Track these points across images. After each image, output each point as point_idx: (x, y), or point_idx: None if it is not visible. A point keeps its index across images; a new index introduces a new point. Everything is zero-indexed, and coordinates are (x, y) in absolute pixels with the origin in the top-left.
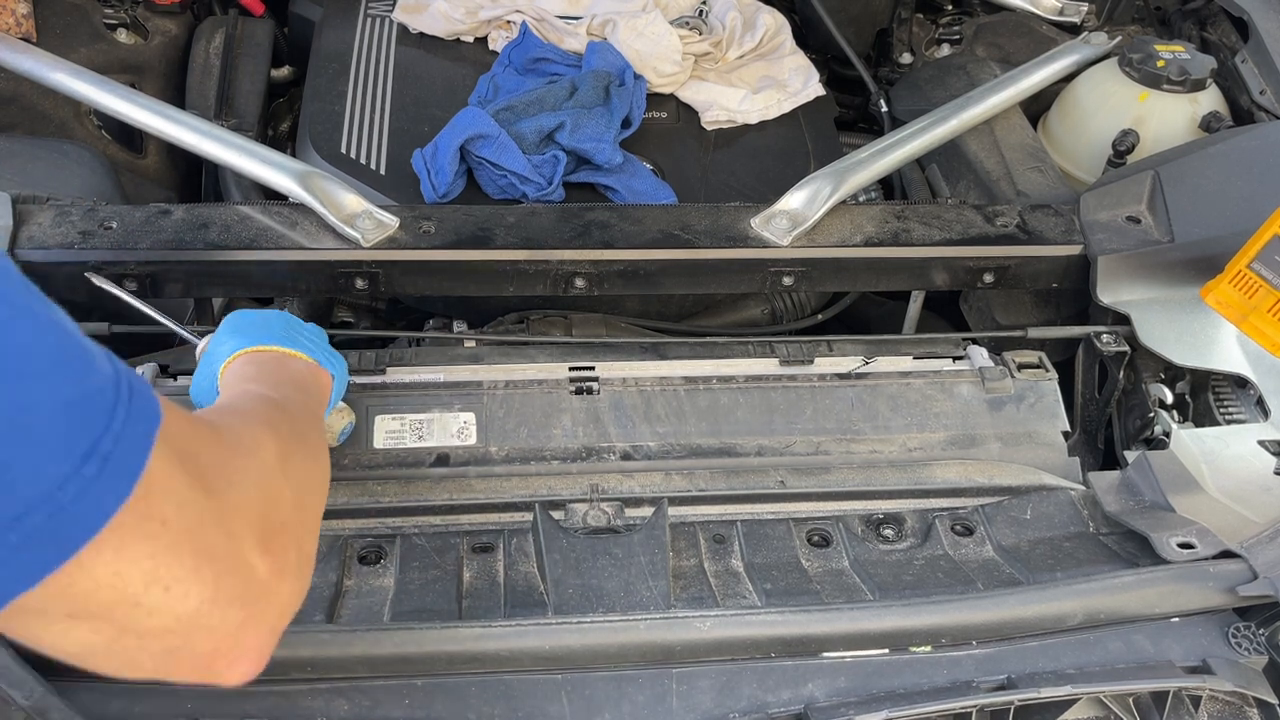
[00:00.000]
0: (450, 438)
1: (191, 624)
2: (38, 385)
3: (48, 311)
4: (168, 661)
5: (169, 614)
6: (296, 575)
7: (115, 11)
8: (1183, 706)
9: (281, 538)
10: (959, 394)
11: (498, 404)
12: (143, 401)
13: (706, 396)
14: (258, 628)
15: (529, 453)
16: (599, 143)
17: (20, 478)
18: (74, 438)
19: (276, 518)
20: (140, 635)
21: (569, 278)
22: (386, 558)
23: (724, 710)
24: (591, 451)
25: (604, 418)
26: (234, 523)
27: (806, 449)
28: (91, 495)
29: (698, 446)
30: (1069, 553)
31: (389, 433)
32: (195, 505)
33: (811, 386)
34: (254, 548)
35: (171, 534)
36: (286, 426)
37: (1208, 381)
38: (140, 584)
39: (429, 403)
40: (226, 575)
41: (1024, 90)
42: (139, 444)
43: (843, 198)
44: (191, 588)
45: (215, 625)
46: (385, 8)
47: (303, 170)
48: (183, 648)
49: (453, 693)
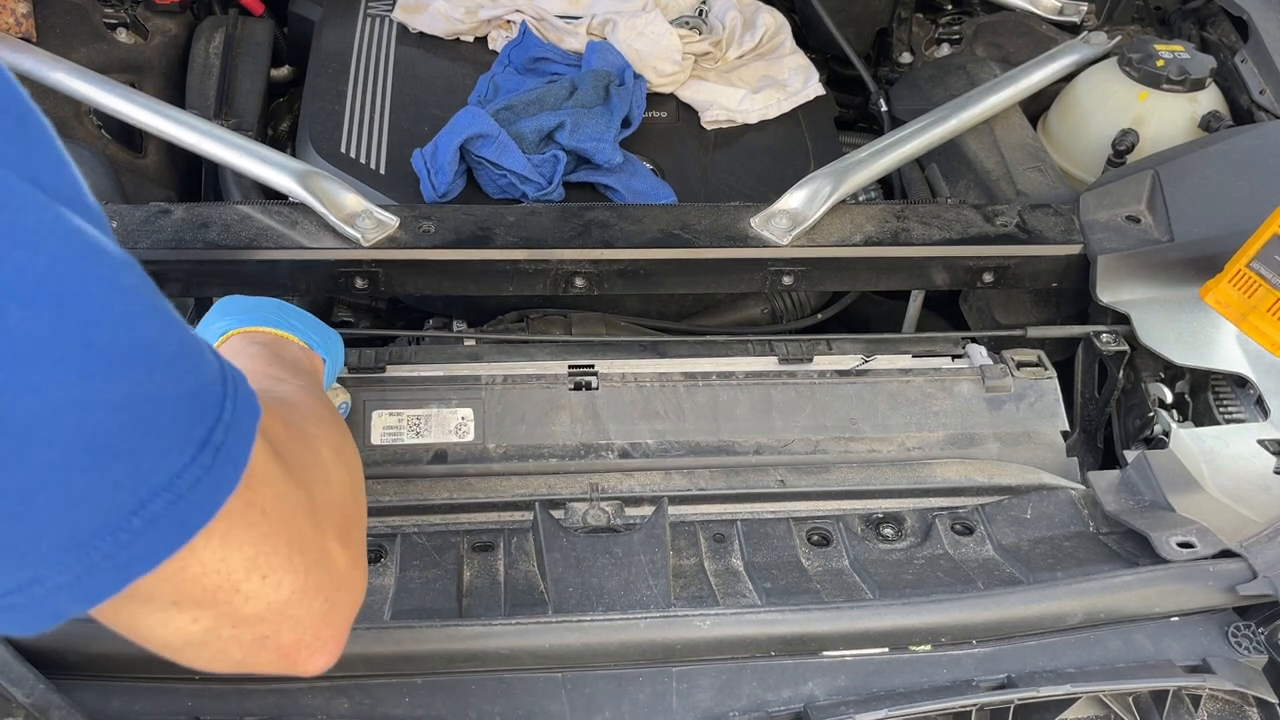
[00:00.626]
0: (448, 434)
1: (282, 613)
2: (165, 377)
3: (168, 306)
4: (256, 651)
5: (263, 601)
6: (363, 569)
7: (115, 11)
8: (1182, 706)
9: (352, 528)
10: (958, 392)
11: (496, 399)
12: (246, 394)
13: (706, 393)
14: (337, 618)
15: (527, 450)
16: (599, 142)
17: (147, 465)
18: (193, 428)
19: (344, 509)
20: (235, 624)
21: (569, 277)
22: (387, 557)
23: (724, 709)
24: (590, 449)
25: (603, 414)
26: (319, 515)
27: (805, 447)
28: (206, 484)
29: (696, 444)
30: (1069, 552)
31: (386, 429)
32: (290, 497)
33: (811, 383)
34: (335, 540)
35: (270, 523)
36: (330, 417)
37: (1207, 381)
38: (242, 571)
39: (427, 398)
40: (315, 566)
41: (1024, 90)
42: (246, 435)
43: (842, 197)
44: (285, 576)
45: (302, 615)
46: (385, 7)
47: (303, 170)
48: (271, 638)
49: (453, 691)
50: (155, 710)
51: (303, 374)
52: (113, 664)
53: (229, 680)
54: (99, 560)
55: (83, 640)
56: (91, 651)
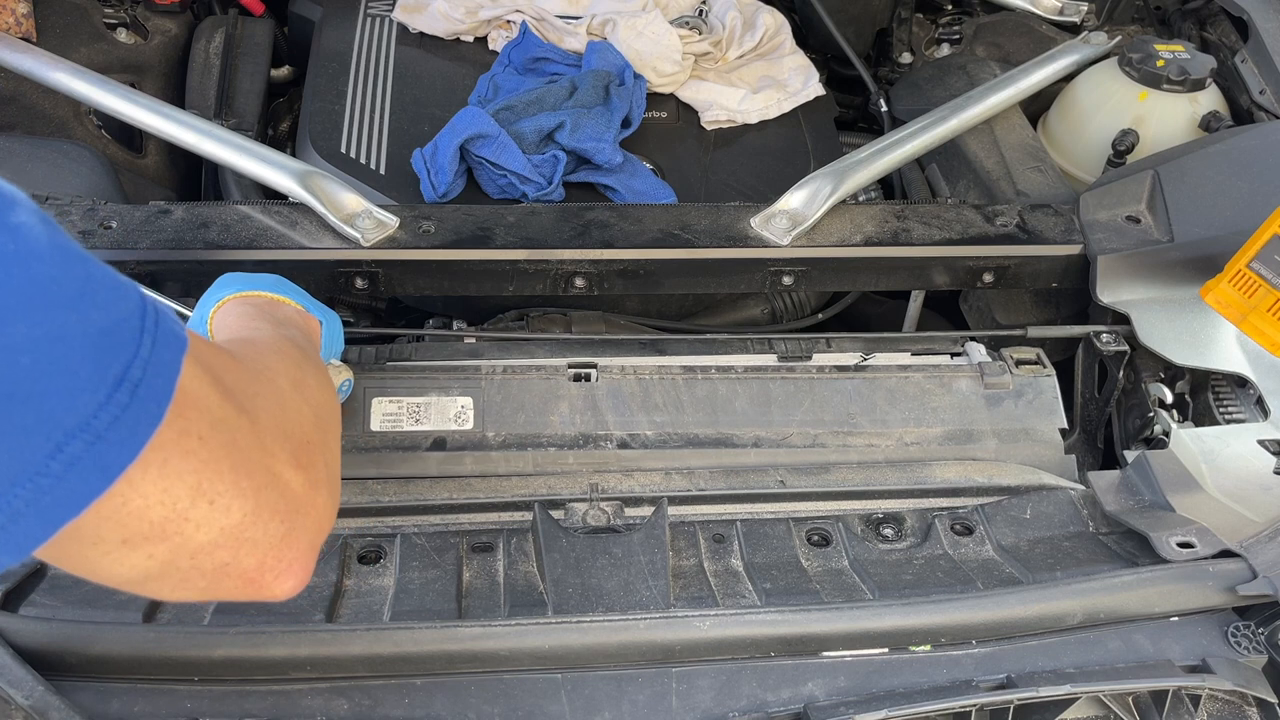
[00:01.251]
0: (447, 421)
1: (237, 537)
2: (68, 316)
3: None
4: (219, 579)
5: (215, 527)
6: (329, 489)
7: (115, 11)
8: (1182, 706)
9: (310, 453)
10: (957, 389)
11: (495, 389)
12: (169, 326)
13: (705, 386)
14: (298, 540)
15: (526, 438)
16: (599, 142)
17: (57, 407)
18: (105, 366)
19: (301, 434)
20: (192, 554)
21: (569, 277)
22: (386, 557)
23: (724, 709)
24: (589, 439)
25: (602, 405)
26: (266, 438)
27: (803, 440)
28: (126, 421)
29: (695, 436)
30: (1069, 552)
31: (385, 415)
32: (230, 423)
33: (810, 378)
34: (287, 462)
35: (209, 449)
36: (296, 353)
37: (1207, 381)
38: (188, 499)
39: (426, 386)
40: (265, 489)
41: (1024, 90)
42: (168, 369)
43: (842, 197)
44: (233, 500)
45: (259, 538)
46: (385, 7)
47: (303, 170)
48: (231, 563)
49: (453, 692)
50: (155, 711)
51: (292, 328)
52: (112, 665)
53: (229, 681)
54: (22, 508)
55: (82, 642)
56: (91, 653)
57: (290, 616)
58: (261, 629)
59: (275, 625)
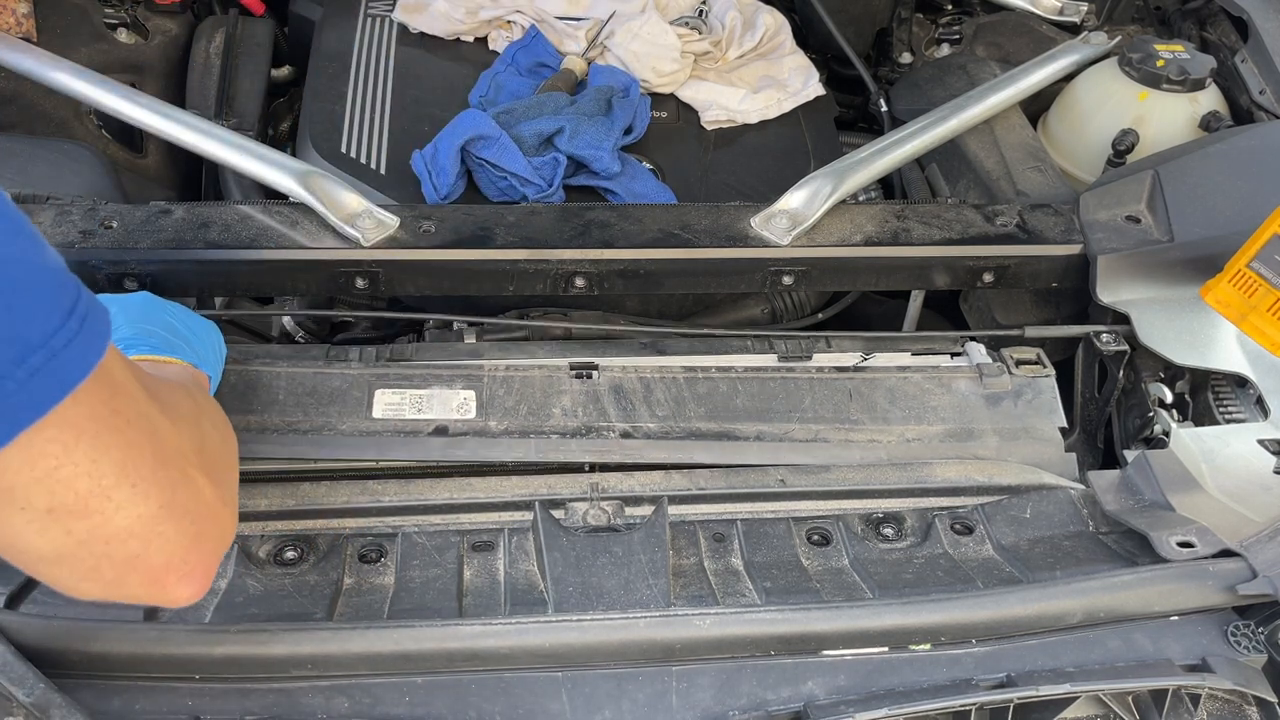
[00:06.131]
0: (450, 412)
1: (151, 528)
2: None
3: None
4: (126, 572)
5: (133, 512)
6: (232, 510)
7: (115, 11)
8: (1182, 705)
9: (218, 470)
10: (957, 389)
11: (498, 384)
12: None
13: (706, 384)
14: (205, 545)
15: (529, 428)
16: (597, 150)
17: (23, 322)
18: (59, 296)
19: (212, 452)
20: (108, 540)
21: (569, 277)
22: (387, 556)
23: (724, 708)
24: (591, 429)
25: (604, 399)
26: (183, 443)
27: (805, 435)
28: (78, 345)
29: (697, 429)
30: (1068, 551)
31: (388, 405)
32: (154, 419)
33: (810, 378)
34: (200, 470)
35: (135, 433)
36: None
37: (1207, 381)
38: (113, 475)
39: (430, 380)
40: (181, 486)
41: (1024, 90)
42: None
43: (842, 197)
44: (152, 489)
45: (171, 535)
46: (385, 7)
47: (303, 170)
48: (141, 556)
49: (453, 690)
50: (155, 710)
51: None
52: (113, 663)
53: (230, 679)
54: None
55: (83, 639)
56: (92, 651)
57: (291, 615)
58: (263, 627)
59: (276, 623)
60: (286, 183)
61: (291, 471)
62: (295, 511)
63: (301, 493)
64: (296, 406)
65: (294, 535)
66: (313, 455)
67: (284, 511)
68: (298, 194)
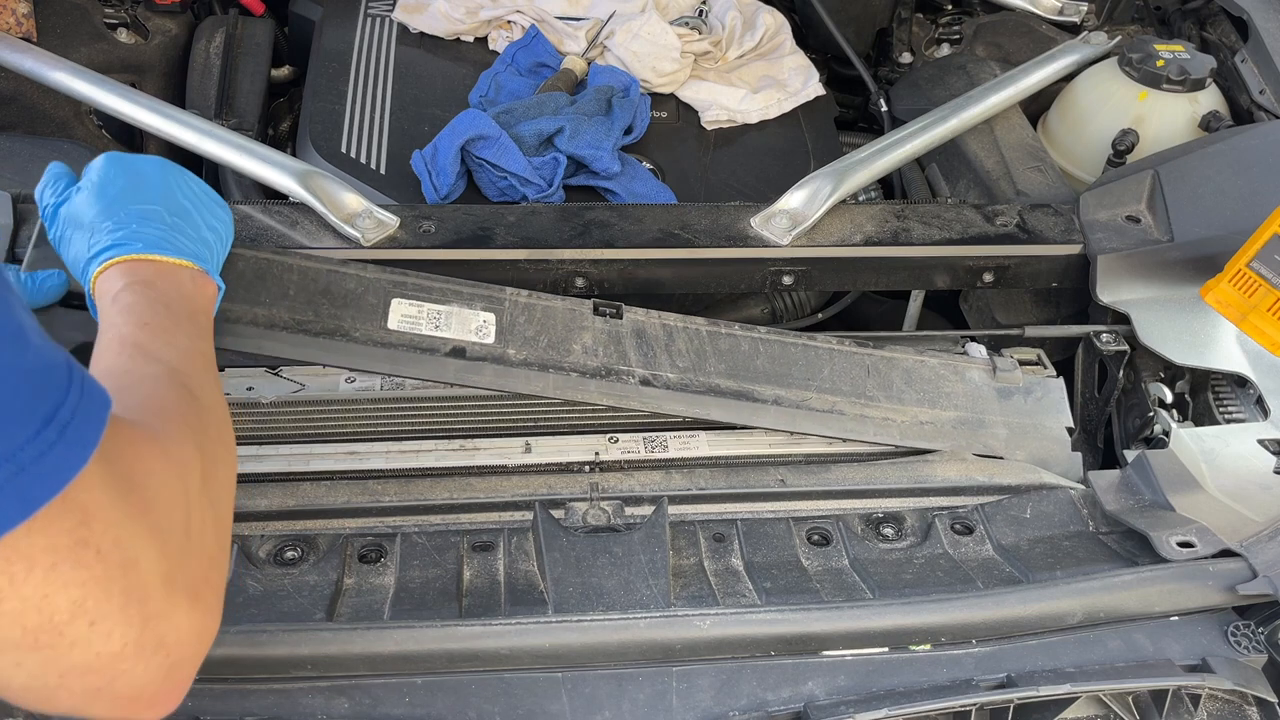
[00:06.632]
0: (468, 333)
1: (113, 666)
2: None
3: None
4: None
5: (91, 650)
6: (216, 616)
7: (115, 11)
8: (1182, 705)
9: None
10: (970, 378)
11: (520, 310)
12: (93, 386)
13: (728, 340)
14: (178, 676)
15: (548, 360)
16: (597, 150)
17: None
18: (35, 403)
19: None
20: (62, 673)
21: (569, 277)
22: (386, 556)
23: (724, 708)
24: (611, 371)
25: (625, 342)
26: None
27: (822, 406)
28: (50, 460)
29: (716, 386)
30: (1068, 551)
31: (404, 316)
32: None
33: (830, 349)
34: (184, 593)
35: (105, 567)
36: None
37: (1207, 381)
38: (66, 613)
39: (449, 296)
40: (155, 620)
41: (1024, 90)
42: (95, 417)
43: (842, 197)
44: (117, 627)
45: (138, 673)
46: (385, 7)
47: (303, 170)
48: (105, 690)
49: (453, 691)
50: None
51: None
52: None
53: (229, 679)
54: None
55: None
56: None
57: (291, 616)
58: (262, 628)
59: (276, 624)
60: (286, 183)
61: (291, 472)
62: (295, 511)
63: (301, 493)
64: (308, 305)
65: (294, 535)
66: (323, 361)
67: (284, 511)
68: (297, 194)
